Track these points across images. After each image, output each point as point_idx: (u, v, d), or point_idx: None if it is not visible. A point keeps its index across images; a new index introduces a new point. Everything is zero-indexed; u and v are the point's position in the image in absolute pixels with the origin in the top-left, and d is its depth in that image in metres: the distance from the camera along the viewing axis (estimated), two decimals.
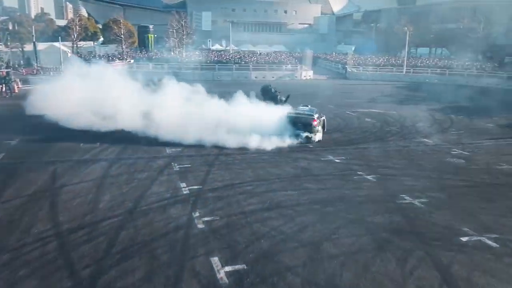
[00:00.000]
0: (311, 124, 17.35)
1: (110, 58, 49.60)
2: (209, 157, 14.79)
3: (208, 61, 47.34)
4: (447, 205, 10.84)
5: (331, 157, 15.28)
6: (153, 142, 16.12)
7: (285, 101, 22.66)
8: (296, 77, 45.81)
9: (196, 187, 11.70)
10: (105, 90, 18.28)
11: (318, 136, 17.59)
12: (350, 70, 48.52)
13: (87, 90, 18.53)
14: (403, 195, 11.40)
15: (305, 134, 17.14)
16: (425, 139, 18.85)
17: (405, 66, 48.35)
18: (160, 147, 15.73)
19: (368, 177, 13.04)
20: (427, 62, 51.11)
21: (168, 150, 15.48)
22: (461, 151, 16.80)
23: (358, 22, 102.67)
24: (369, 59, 53.00)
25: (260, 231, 9.03)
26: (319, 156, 15.42)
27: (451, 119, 23.88)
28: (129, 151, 15.37)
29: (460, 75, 45.88)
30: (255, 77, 44.02)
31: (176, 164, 13.85)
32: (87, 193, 10.98)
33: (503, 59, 50.98)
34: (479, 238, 8.94)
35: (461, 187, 12.45)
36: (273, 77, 44.56)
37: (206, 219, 9.57)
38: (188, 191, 11.31)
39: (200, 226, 9.21)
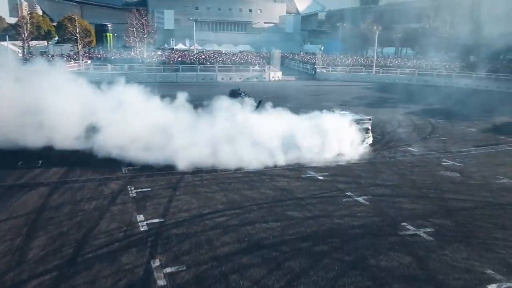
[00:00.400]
0: (369, 128, 16.80)
1: (65, 58, 46.25)
2: (173, 176, 12.60)
3: (171, 62, 44.72)
4: (458, 236, 9.13)
5: (312, 173, 13.40)
6: (106, 159, 13.72)
7: (257, 107, 20.73)
8: (264, 78, 43.90)
9: (156, 220, 9.52)
10: (48, 96, 15.48)
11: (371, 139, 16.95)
12: (319, 71, 47.08)
13: (25, 97, 15.62)
14: (405, 224, 9.64)
15: (370, 137, 16.62)
16: (410, 148, 17.31)
17: (374, 66, 47.35)
18: (115, 165, 13.38)
19: (359, 199, 11.23)
20: (396, 62, 50.33)
21: (125, 169, 13.18)
22: (452, 162, 15.32)
23: (323, 22, 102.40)
24: (338, 59, 51.78)
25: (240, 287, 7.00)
26: (299, 172, 13.50)
27: (431, 124, 22.56)
28: (77, 171, 12.94)
29: (430, 75, 45.30)
30: (222, 79, 41.82)
31: (132, 188, 11.59)
32: (14, 235, 8.59)
33: (467, 58, 51.01)
34: (508, 284, 7.25)
35: (466, 210, 10.81)
36: (240, 79, 42.51)
37: (168, 270, 7.44)
38: (146, 227, 9.12)
39: (161, 282, 7.08)
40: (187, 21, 69.63)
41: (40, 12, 78.40)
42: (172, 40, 75.41)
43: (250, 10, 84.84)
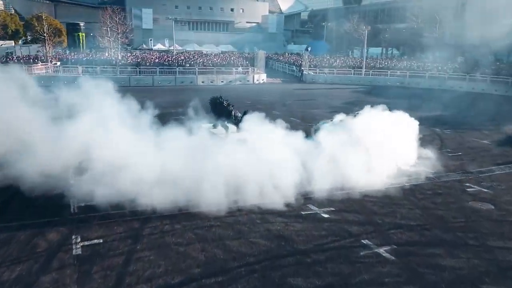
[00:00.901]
0: None
1: (32, 60, 42.63)
2: (135, 219, 9.65)
3: (147, 63, 41.51)
4: None
5: (315, 209, 10.61)
6: (52, 195, 10.67)
7: (241, 119, 17.90)
8: (248, 81, 41.06)
9: None
10: None
11: None
12: (306, 73, 44.44)
13: None
14: None
15: None
16: (423, 168, 14.65)
17: (364, 67, 44.96)
18: (62, 203, 10.35)
19: (382, 250, 8.49)
20: (386, 63, 48.04)
21: (74, 208, 10.18)
22: (478, 188, 12.72)
23: (305, 22, 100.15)
24: (325, 60, 49.27)
25: None
26: (298, 207, 10.69)
27: (438, 135, 20.03)
28: (9, 213, 9.91)
29: (421, 77, 43.13)
30: (202, 82, 38.89)
31: (79, 239, 8.63)
32: None
33: (459, 59, 49.07)
34: None
35: None
36: (222, 82, 39.66)
37: None
38: None
39: None
40: (166, 20, 66.32)
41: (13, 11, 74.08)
42: (151, 40, 72.12)
43: (232, 9, 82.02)
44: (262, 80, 42.18)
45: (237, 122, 18.03)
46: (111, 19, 46.23)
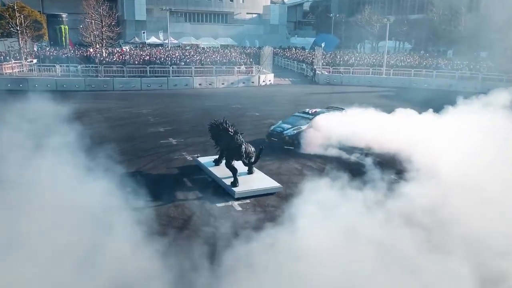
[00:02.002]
0: None
1: (2, 57, 36.80)
2: None
3: (136, 62, 35.72)
4: None
5: None
6: None
7: (256, 159, 12.37)
8: (252, 82, 35.38)
9: None
10: None
11: None
12: (319, 72, 38.73)
13: None
14: None
15: None
16: None
17: (384, 66, 39.30)
18: None
19: None
20: (408, 61, 42.31)
21: None
22: None
23: (306, 13, 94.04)
24: (338, 57, 43.54)
25: None
26: None
27: None
28: None
29: (451, 78, 37.49)
30: (199, 85, 33.21)
31: None
32: None
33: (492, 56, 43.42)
34: None
35: None
36: (223, 84, 34.00)
37: None
38: None
39: None
40: (161, 11, 60.41)
41: None
42: (144, 32, 65.99)
43: (231, 0, 75.91)
44: (269, 81, 36.50)
45: (249, 162, 12.46)
46: (95, 10, 40.23)
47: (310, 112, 17.55)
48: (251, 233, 9.36)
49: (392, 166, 14.38)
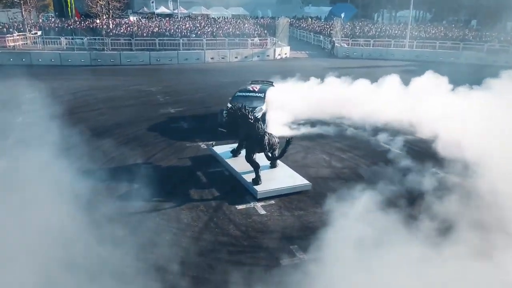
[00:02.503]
0: None
1: (5, 29, 35.00)
2: None
3: (144, 34, 33.76)
4: None
5: None
6: None
7: (282, 153, 10.65)
8: (268, 56, 33.31)
9: None
10: None
11: None
12: (338, 45, 36.43)
13: None
14: None
15: None
16: None
17: (408, 37, 36.83)
18: None
19: None
20: (433, 32, 39.65)
21: None
22: None
23: None
24: (358, 28, 41.03)
25: None
26: None
27: None
28: None
29: (478, 51, 34.98)
30: (211, 59, 31.28)
31: None
32: None
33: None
34: None
35: None
36: (236, 58, 32.03)
37: None
38: None
39: None
40: None
41: None
42: (152, 2, 63.42)
43: None
44: (285, 54, 34.39)
45: (273, 156, 10.80)
46: None
47: (253, 90, 15.90)
48: (284, 258, 7.81)
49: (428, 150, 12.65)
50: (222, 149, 12.59)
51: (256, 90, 15.82)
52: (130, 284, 7.05)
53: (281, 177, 10.84)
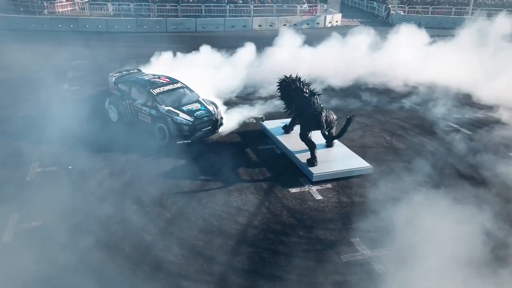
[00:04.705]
0: None
1: None
2: None
3: (190, 1, 32.75)
4: None
5: None
6: None
7: (342, 132, 9.59)
8: (317, 24, 31.62)
9: None
10: None
11: None
12: (394, 12, 34.08)
13: None
14: None
15: None
16: None
17: (471, 4, 33.86)
18: None
19: None
20: None
21: None
22: None
23: None
24: None
25: None
26: None
27: None
28: None
29: None
30: (259, 26, 29.98)
31: None
32: None
33: None
34: None
35: None
36: (284, 25, 30.51)
37: None
38: None
39: None
40: None
41: None
42: None
43: None
44: (336, 22, 32.52)
45: (330, 135, 9.78)
46: None
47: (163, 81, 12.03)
48: (344, 252, 6.90)
49: None
50: (273, 125, 11.69)
51: (167, 81, 12.05)
52: (173, 273, 6.45)
53: (339, 159, 9.86)
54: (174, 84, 11.90)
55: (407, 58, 17.17)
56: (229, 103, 13.62)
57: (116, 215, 7.77)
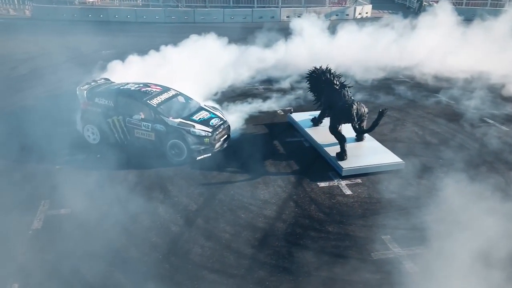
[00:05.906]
0: None
1: None
2: None
3: None
4: None
5: None
6: None
7: (374, 125, 9.29)
8: (347, 15, 31.02)
9: None
10: None
11: None
12: (426, 3, 33.11)
13: None
14: None
15: None
16: None
17: None
18: None
19: None
20: None
21: None
22: None
23: None
24: None
25: None
26: None
27: None
28: None
29: None
30: (287, 17, 29.54)
31: None
32: None
33: None
34: None
35: None
36: (313, 16, 30.06)
37: None
38: None
39: None
40: None
41: None
42: None
43: None
44: (366, 13, 31.84)
45: (360, 128, 9.50)
46: None
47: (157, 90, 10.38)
48: (375, 250, 6.68)
49: None
50: (301, 117, 11.49)
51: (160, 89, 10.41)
52: (197, 268, 6.37)
53: (369, 153, 9.60)
54: (169, 92, 10.32)
55: (441, 49, 16.70)
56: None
57: (144, 205, 7.76)
